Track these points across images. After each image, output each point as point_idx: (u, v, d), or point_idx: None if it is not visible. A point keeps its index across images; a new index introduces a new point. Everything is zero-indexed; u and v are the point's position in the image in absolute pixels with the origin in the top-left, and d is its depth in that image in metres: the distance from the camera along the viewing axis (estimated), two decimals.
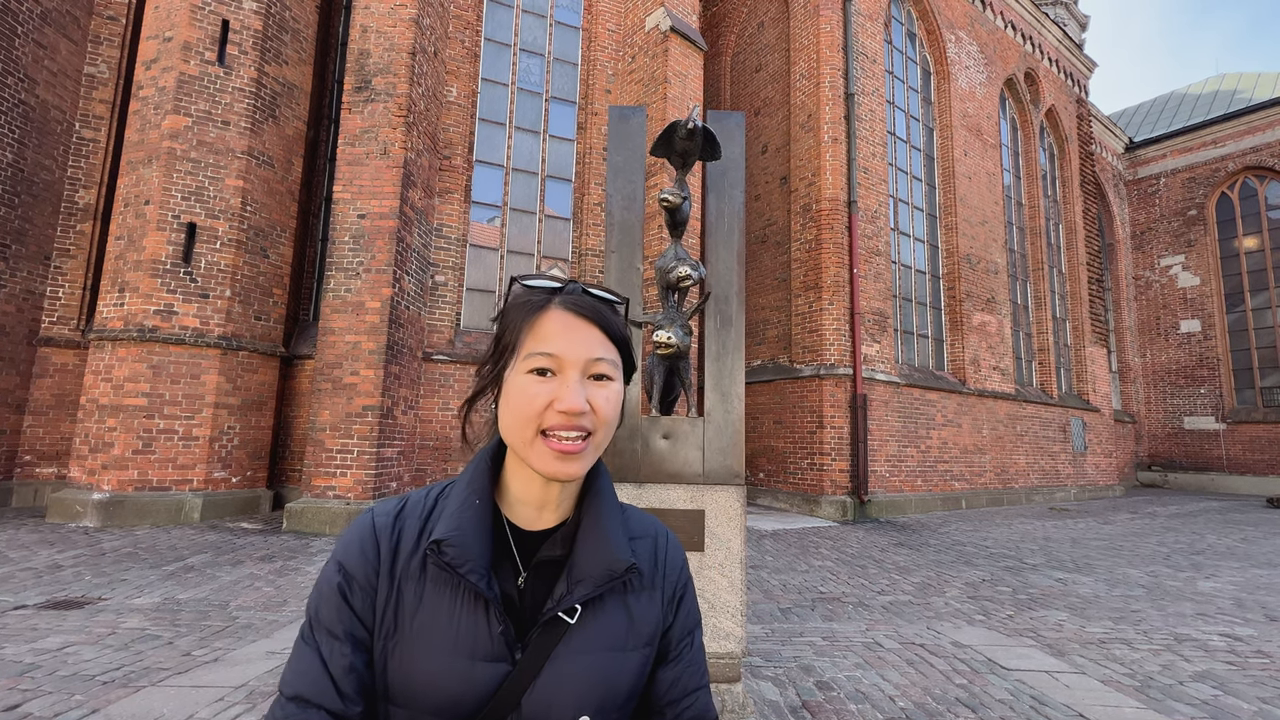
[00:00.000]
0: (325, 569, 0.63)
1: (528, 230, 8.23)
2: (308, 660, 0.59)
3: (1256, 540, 7.57)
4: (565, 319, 0.61)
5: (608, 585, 0.63)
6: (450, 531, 0.60)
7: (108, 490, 5.81)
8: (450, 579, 0.61)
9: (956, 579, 5.06)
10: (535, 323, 0.61)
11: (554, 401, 0.58)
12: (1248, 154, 15.69)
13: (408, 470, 6.69)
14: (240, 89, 6.72)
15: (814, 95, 9.19)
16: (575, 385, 0.59)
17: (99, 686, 2.51)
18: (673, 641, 0.70)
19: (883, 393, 8.82)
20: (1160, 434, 16.47)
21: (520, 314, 0.62)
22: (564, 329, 0.60)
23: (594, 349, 0.61)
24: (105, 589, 3.88)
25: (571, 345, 0.60)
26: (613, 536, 0.65)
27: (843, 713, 2.53)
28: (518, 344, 0.61)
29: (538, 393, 0.59)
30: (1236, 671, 3.13)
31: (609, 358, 0.62)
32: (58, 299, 7.25)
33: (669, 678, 0.68)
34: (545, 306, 0.61)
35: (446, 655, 0.58)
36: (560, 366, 0.60)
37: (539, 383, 0.59)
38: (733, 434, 2.27)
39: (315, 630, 0.60)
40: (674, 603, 0.71)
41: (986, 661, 3.16)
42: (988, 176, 11.71)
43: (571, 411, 0.57)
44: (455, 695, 0.58)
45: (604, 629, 0.64)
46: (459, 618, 0.60)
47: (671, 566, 0.72)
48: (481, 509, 0.62)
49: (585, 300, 0.63)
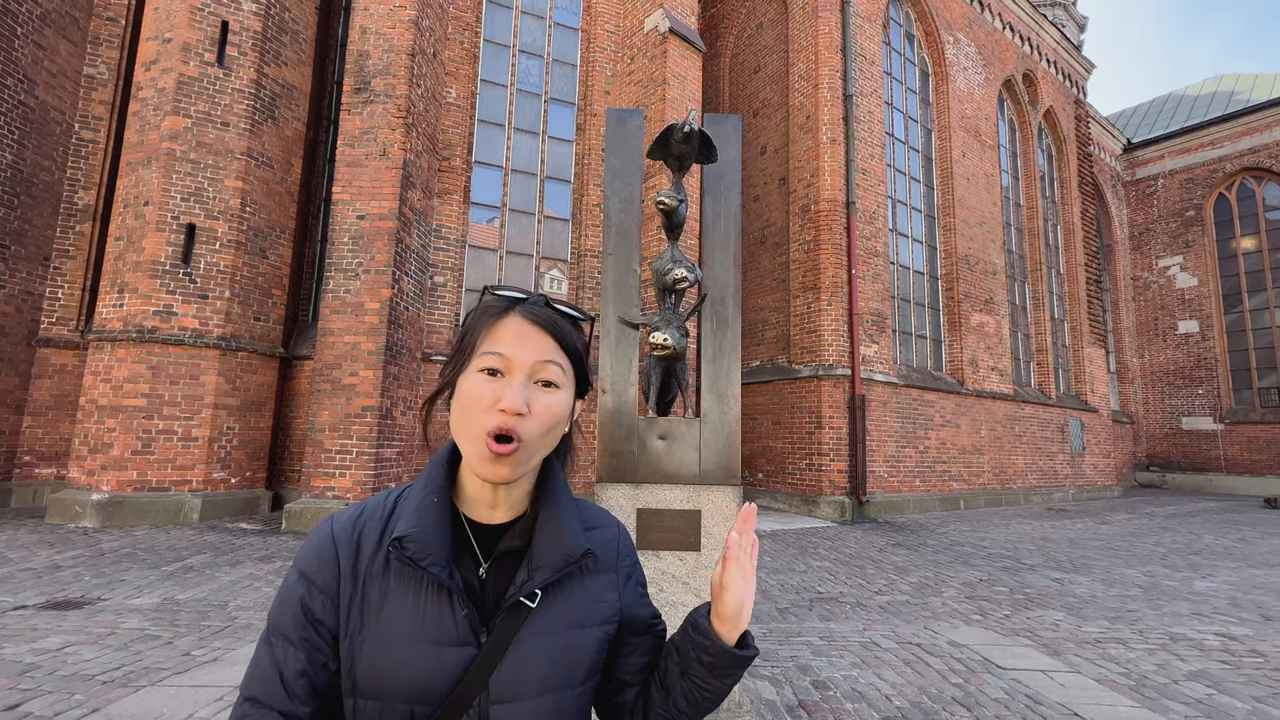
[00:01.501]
0: (287, 576, 0.66)
1: (527, 231, 8.24)
2: (264, 664, 0.62)
3: (1253, 540, 7.59)
4: (521, 325, 0.64)
5: (565, 570, 0.67)
6: (411, 528, 0.63)
7: (107, 491, 5.82)
8: (413, 573, 0.63)
9: (954, 579, 5.08)
10: (492, 327, 0.64)
11: (498, 400, 0.61)
12: (1245, 155, 15.73)
13: (406, 470, 6.70)
14: (240, 90, 6.73)
15: (812, 96, 9.21)
16: (518, 386, 0.61)
17: (99, 686, 2.52)
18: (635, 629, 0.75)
19: (881, 393, 8.84)
20: (1158, 434, 16.50)
21: (481, 319, 0.65)
22: (517, 334, 0.64)
23: (542, 355, 0.64)
24: (105, 589, 3.89)
25: (521, 349, 0.63)
26: (568, 526, 0.68)
27: (839, 712, 2.54)
28: (474, 346, 0.64)
29: (484, 392, 0.62)
30: (1231, 671, 3.15)
31: (558, 363, 0.65)
32: (57, 300, 7.26)
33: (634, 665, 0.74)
34: (504, 313, 0.65)
35: (413, 644, 0.61)
36: (508, 368, 0.62)
37: (487, 382, 0.62)
38: (729, 435, 2.28)
39: (273, 635, 0.63)
40: (628, 584, 0.76)
41: (983, 661, 3.17)
42: (986, 177, 11.74)
43: (509, 409, 0.60)
44: (424, 680, 0.61)
45: (564, 610, 0.67)
46: (424, 608, 0.62)
47: (624, 554, 0.77)
48: (439, 506, 0.65)
49: (543, 311, 0.66)
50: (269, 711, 0.60)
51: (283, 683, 0.61)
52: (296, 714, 0.61)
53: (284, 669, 0.61)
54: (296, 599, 0.63)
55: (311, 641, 0.63)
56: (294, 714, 0.61)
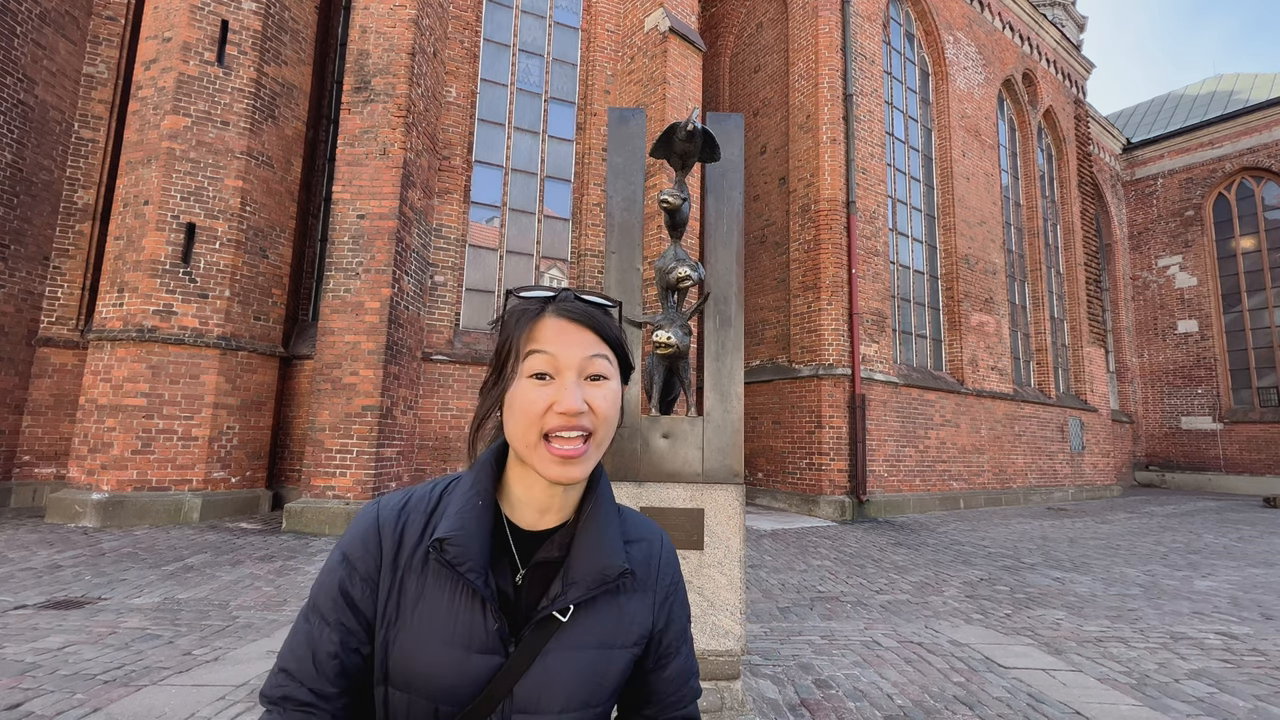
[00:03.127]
0: (330, 558, 0.67)
1: (527, 231, 8.24)
2: (300, 639, 0.64)
3: (1253, 539, 7.60)
4: (559, 325, 0.63)
5: (600, 589, 0.66)
6: (452, 531, 0.63)
7: (107, 490, 5.81)
8: (450, 575, 0.64)
9: (954, 578, 5.08)
10: (531, 330, 0.63)
11: (554, 404, 0.61)
12: (1244, 155, 15.74)
13: (407, 470, 6.70)
14: (239, 89, 6.72)
15: (812, 96, 9.21)
16: (573, 386, 0.61)
17: (100, 685, 2.52)
18: (671, 644, 0.73)
19: (881, 393, 8.84)
20: (1158, 434, 16.52)
21: (517, 324, 0.65)
22: (558, 334, 0.63)
23: (588, 350, 0.63)
24: (105, 589, 3.88)
25: (567, 349, 0.62)
26: (608, 541, 0.67)
27: (841, 710, 2.54)
28: (517, 353, 0.63)
29: (538, 397, 0.61)
30: (1232, 669, 3.15)
31: (604, 356, 0.64)
32: (56, 299, 7.25)
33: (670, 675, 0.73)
34: (540, 315, 0.64)
35: (444, 645, 0.62)
36: (557, 370, 0.62)
37: (538, 387, 0.62)
38: (732, 433, 2.28)
39: (311, 613, 0.65)
40: (665, 605, 0.74)
41: (984, 660, 3.17)
42: (986, 177, 11.74)
43: (570, 411, 0.60)
44: (451, 683, 0.61)
45: (595, 628, 0.67)
46: (457, 611, 0.63)
47: (665, 571, 0.75)
48: (483, 510, 0.65)
49: (577, 306, 0.65)
50: (298, 686, 0.62)
51: (314, 661, 0.63)
52: (323, 692, 0.62)
53: (317, 648, 0.63)
54: (337, 581, 0.65)
55: (347, 625, 0.64)
56: (321, 692, 0.62)
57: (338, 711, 0.64)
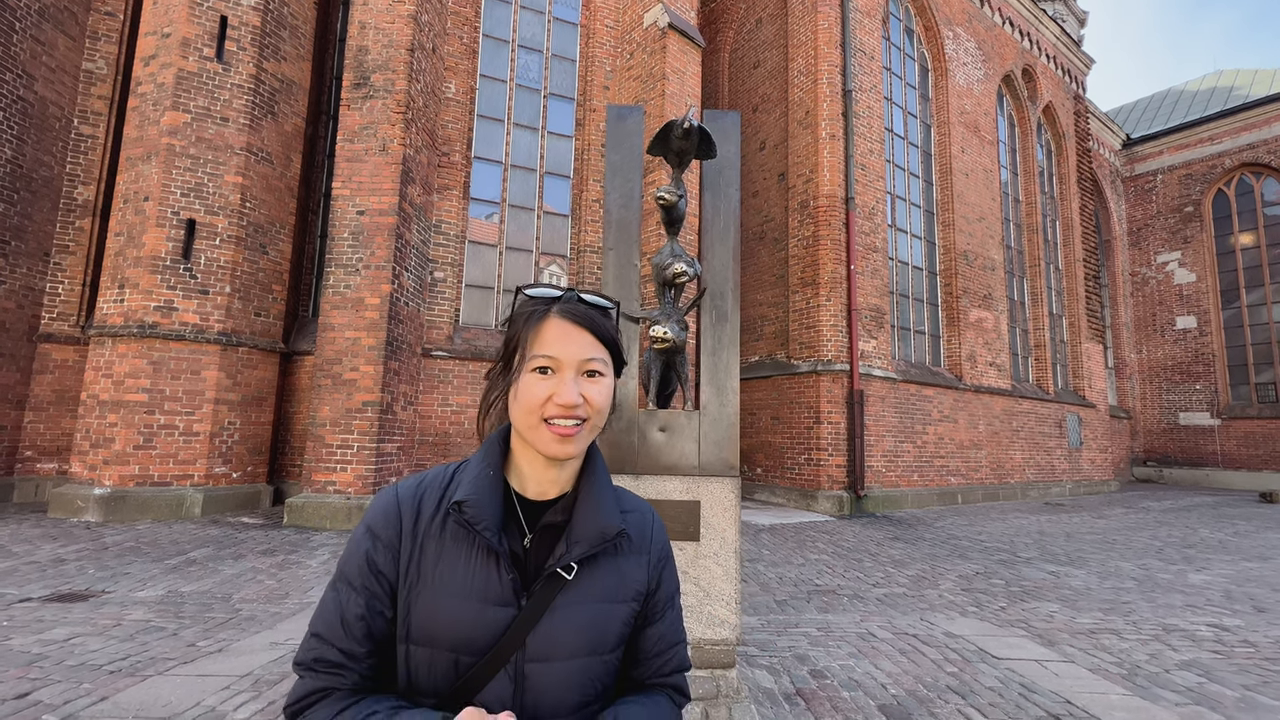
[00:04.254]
0: (355, 533, 0.74)
1: (526, 227, 8.26)
2: (329, 606, 0.72)
3: (1248, 534, 7.65)
4: (562, 326, 0.72)
5: (600, 546, 0.74)
6: (469, 494, 0.71)
7: (109, 485, 5.85)
8: (467, 536, 0.71)
9: (950, 572, 5.12)
10: (537, 330, 0.72)
11: (553, 396, 0.70)
12: (1244, 150, 15.74)
13: (407, 465, 6.73)
14: (239, 85, 6.72)
15: (812, 92, 9.21)
16: (570, 383, 0.70)
17: (106, 676, 2.56)
18: (659, 604, 0.81)
19: (879, 389, 8.88)
20: (1156, 430, 16.57)
21: (524, 322, 0.73)
22: (561, 335, 0.71)
23: (586, 351, 0.72)
24: (109, 582, 3.92)
25: (567, 349, 0.71)
26: (605, 506, 0.76)
27: (836, 700, 2.58)
28: (523, 348, 0.72)
29: (540, 389, 0.70)
30: (1222, 660, 3.19)
31: (600, 357, 0.73)
32: (57, 295, 7.27)
33: (655, 634, 0.80)
34: (545, 315, 0.73)
35: (463, 599, 0.69)
36: (558, 367, 0.71)
37: (541, 380, 0.71)
38: (728, 427, 2.32)
39: (339, 582, 0.73)
40: (658, 568, 0.82)
41: (978, 651, 3.22)
42: (985, 173, 11.75)
43: (568, 405, 0.69)
44: (469, 633, 0.69)
45: (596, 584, 0.75)
46: (474, 568, 0.70)
47: (657, 538, 0.84)
48: (495, 479, 0.74)
49: (579, 308, 0.74)
50: (329, 648, 0.69)
51: (343, 624, 0.70)
52: (352, 652, 0.70)
53: (345, 612, 0.70)
54: (362, 551, 0.72)
55: (372, 590, 0.71)
56: (350, 652, 0.70)
57: (365, 671, 0.71)
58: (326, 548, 5.09)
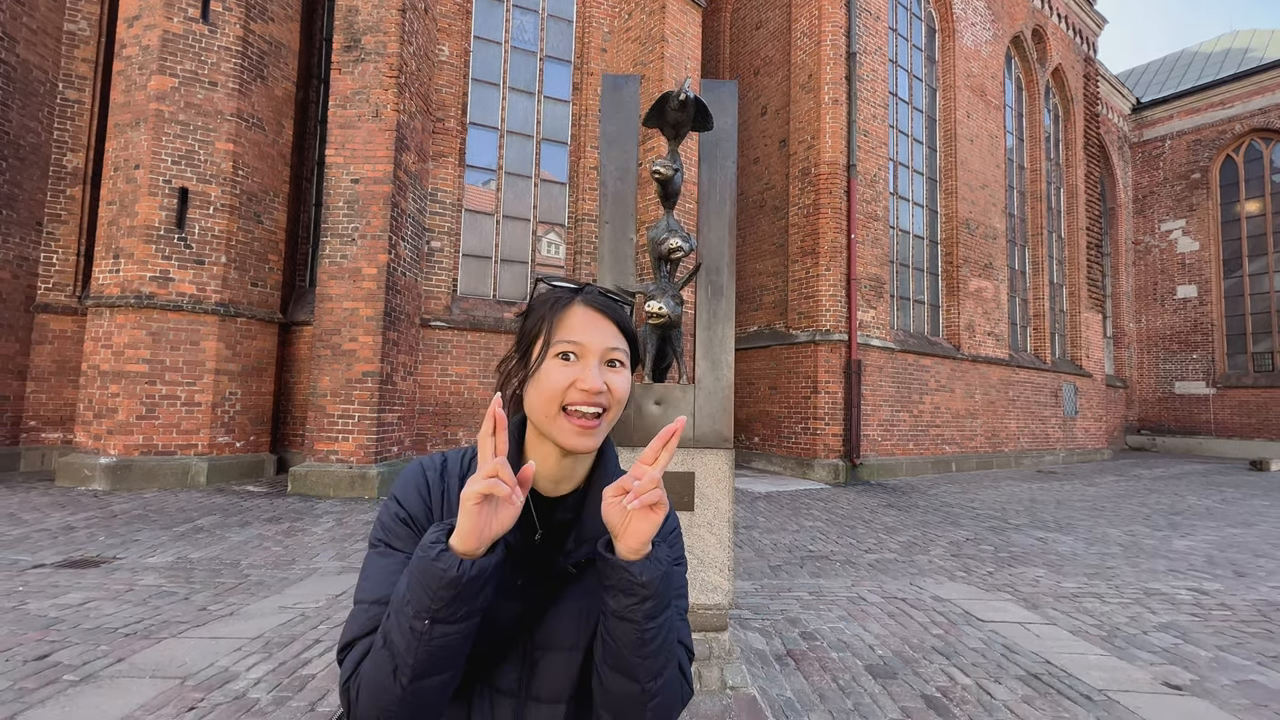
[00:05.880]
0: (386, 506, 0.75)
1: (523, 195, 8.15)
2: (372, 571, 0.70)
3: (1235, 501, 7.80)
4: (587, 314, 0.72)
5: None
6: None
7: (114, 455, 5.93)
8: None
9: (941, 538, 5.25)
10: (562, 316, 0.72)
11: (576, 381, 0.69)
12: (1255, 115, 15.42)
13: (408, 435, 6.81)
14: (226, 48, 6.54)
15: (815, 54, 8.98)
16: (595, 369, 0.70)
17: (122, 638, 2.65)
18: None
19: (877, 358, 8.91)
20: (1151, 399, 16.70)
21: (550, 309, 0.73)
22: (586, 322, 0.72)
23: (610, 339, 0.72)
24: (119, 549, 4.02)
25: (593, 336, 0.71)
26: None
27: (825, 660, 2.69)
28: (546, 334, 0.71)
29: (563, 375, 0.69)
30: (1199, 622, 3.31)
31: (622, 347, 0.73)
32: (52, 265, 7.23)
33: None
34: (570, 302, 0.73)
35: None
36: (583, 353, 0.70)
37: (564, 366, 0.70)
38: (722, 400, 2.35)
39: (379, 547, 0.72)
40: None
41: (963, 614, 3.33)
42: (990, 139, 11.54)
43: (591, 390, 0.68)
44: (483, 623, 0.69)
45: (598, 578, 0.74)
46: None
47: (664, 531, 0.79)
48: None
49: (603, 299, 0.75)
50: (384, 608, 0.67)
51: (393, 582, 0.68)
52: None
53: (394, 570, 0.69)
54: (397, 519, 0.72)
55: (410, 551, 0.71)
56: None
57: None
58: (331, 515, 5.20)
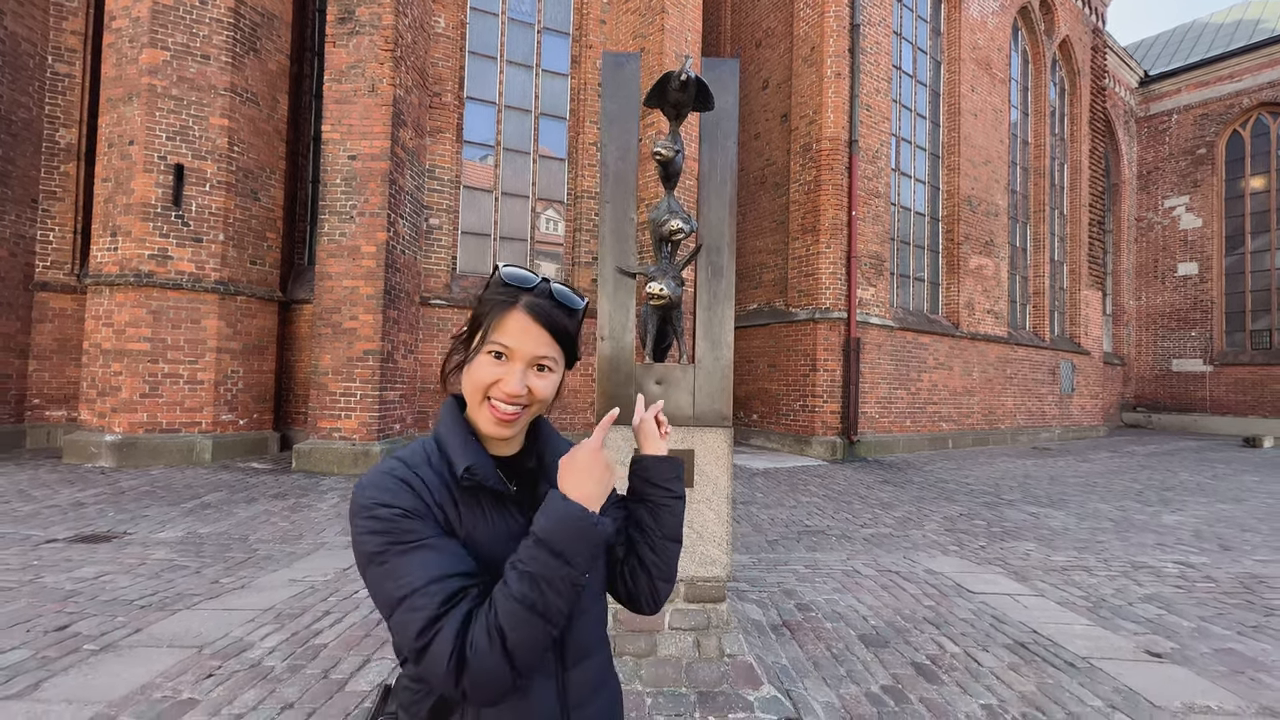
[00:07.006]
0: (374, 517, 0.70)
1: (522, 171, 8.08)
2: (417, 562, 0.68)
3: (1226, 477, 7.92)
4: (523, 321, 0.77)
5: None
6: (472, 459, 0.77)
7: (119, 432, 5.99)
8: (474, 494, 0.77)
9: (936, 514, 5.35)
10: (500, 319, 0.77)
11: (500, 381, 0.76)
12: (1264, 89, 15.18)
13: (410, 412, 6.87)
14: (218, 20, 6.42)
15: (818, 26, 8.81)
16: (518, 374, 0.76)
17: (138, 610, 2.73)
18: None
19: (876, 336, 8.94)
20: (1148, 376, 16.78)
21: (492, 308, 0.78)
22: (521, 329, 0.77)
23: (540, 348, 0.77)
24: (129, 524, 4.10)
25: (524, 342, 0.77)
26: (562, 447, 0.88)
27: (819, 630, 2.78)
28: (484, 331, 0.78)
29: (490, 371, 0.77)
30: (1183, 594, 3.40)
31: (552, 355, 0.79)
32: (49, 243, 7.20)
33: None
34: (511, 307, 0.77)
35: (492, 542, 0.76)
36: (512, 356, 0.77)
37: (493, 364, 0.77)
38: (721, 379, 2.39)
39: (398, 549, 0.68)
40: None
41: (955, 586, 3.42)
42: (994, 113, 11.39)
43: (511, 394, 0.76)
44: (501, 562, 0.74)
45: None
46: (491, 517, 0.78)
47: None
48: (476, 444, 0.80)
49: (544, 306, 0.78)
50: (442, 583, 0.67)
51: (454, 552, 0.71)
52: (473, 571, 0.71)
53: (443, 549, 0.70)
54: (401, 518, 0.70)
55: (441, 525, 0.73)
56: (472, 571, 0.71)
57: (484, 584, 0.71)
58: (335, 491, 5.28)
